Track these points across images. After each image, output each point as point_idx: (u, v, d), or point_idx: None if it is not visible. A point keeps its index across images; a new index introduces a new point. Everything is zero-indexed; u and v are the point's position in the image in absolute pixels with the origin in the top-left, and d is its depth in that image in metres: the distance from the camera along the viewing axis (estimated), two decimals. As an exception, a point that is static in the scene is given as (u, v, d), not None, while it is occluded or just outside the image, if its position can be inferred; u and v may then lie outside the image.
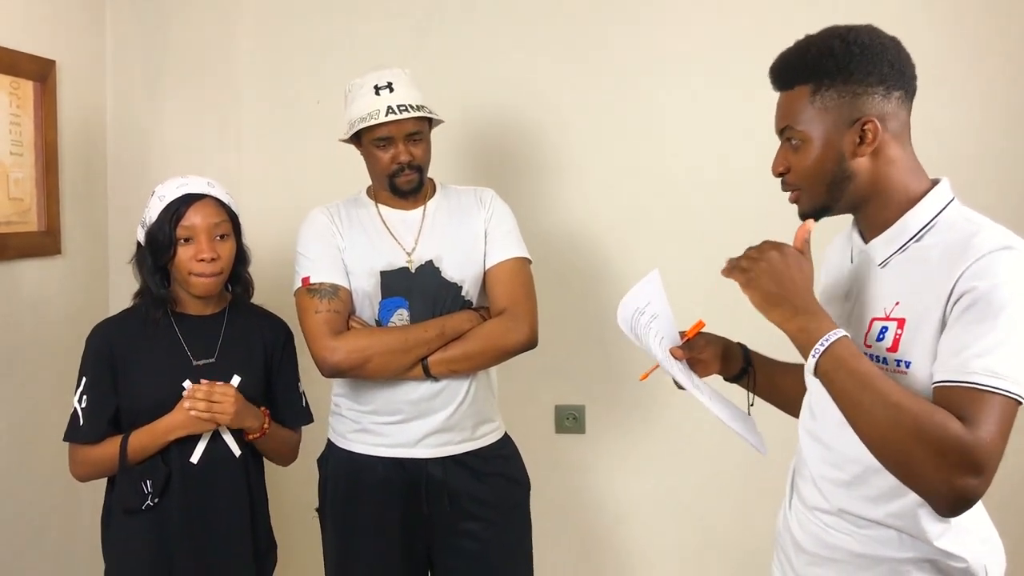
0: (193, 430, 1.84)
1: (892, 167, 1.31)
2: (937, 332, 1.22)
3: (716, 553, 2.65)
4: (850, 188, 1.32)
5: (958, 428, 1.14)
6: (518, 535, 2.10)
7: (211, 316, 1.96)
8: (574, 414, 2.67)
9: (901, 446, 1.16)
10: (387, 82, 1.96)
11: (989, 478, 1.15)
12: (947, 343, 1.20)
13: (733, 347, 1.62)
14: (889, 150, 1.31)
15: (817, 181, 1.33)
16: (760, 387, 1.59)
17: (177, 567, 1.87)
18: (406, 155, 1.97)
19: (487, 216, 2.07)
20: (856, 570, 1.33)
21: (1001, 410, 1.15)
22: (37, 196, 2.42)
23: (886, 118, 1.30)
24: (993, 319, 1.17)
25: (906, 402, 1.16)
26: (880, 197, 1.33)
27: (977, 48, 2.49)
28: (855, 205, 1.35)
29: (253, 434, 1.91)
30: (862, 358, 1.21)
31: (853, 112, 1.29)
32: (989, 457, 1.14)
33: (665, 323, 1.52)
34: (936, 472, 1.14)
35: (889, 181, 1.32)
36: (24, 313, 2.37)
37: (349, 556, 2.04)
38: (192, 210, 1.85)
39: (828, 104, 1.30)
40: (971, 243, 1.22)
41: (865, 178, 1.32)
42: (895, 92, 1.30)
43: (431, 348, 1.94)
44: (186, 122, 2.74)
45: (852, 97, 1.29)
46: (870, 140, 1.29)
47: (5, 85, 2.29)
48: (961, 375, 1.17)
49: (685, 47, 2.59)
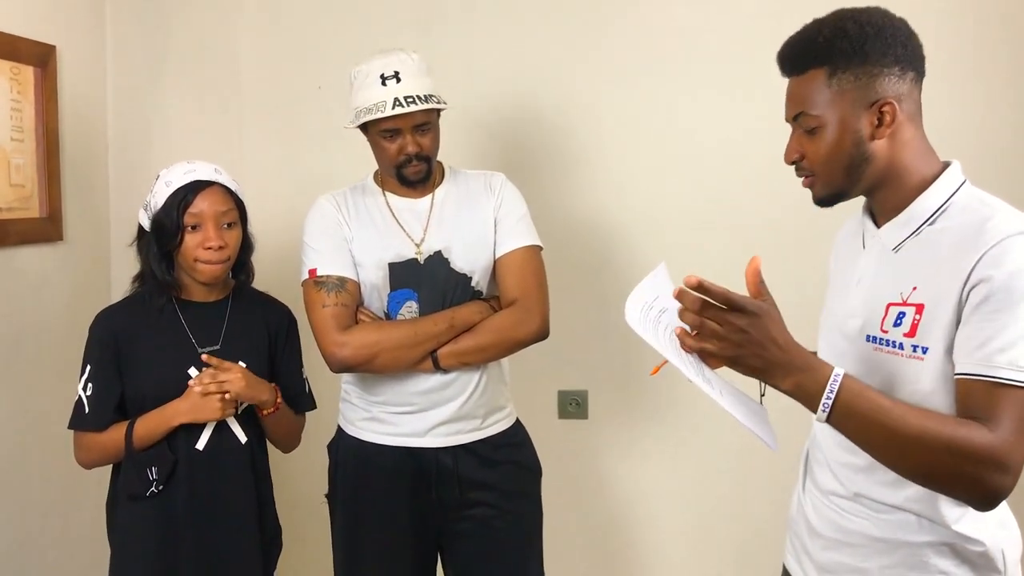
0: (199, 417, 1.84)
1: (906, 149, 1.31)
2: (953, 318, 1.22)
3: (722, 536, 2.66)
4: (868, 171, 1.32)
5: (983, 437, 1.15)
6: (529, 522, 2.10)
7: (215, 303, 1.96)
8: (577, 399, 2.67)
9: (931, 469, 1.18)
10: (394, 71, 1.90)
11: (1018, 472, 1.18)
12: (968, 333, 1.20)
13: None
14: (904, 132, 1.30)
15: (834, 166, 1.32)
16: None
17: (183, 552, 1.87)
18: (414, 146, 1.93)
19: (497, 203, 2.03)
20: (873, 554, 1.33)
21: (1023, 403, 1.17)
22: (38, 182, 2.41)
23: (902, 99, 1.29)
24: (1013, 309, 1.17)
25: (927, 429, 1.16)
26: (894, 180, 1.32)
27: (977, 36, 2.48)
28: (870, 189, 1.35)
29: (267, 408, 1.91)
30: (868, 394, 1.18)
31: (870, 94, 1.29)
32: (1016, 454, 1.16)
33: (674, 317, 1.51)
34: (968, 482, 1.17)
35: (903, 164, 1.31)
36: (26, 299, 2.36)
37: (358, 542, 2.04)
38: (200, 197, 1.84)
39: (845, 87, 1.29)
40: (986, 227, 1.22)
41: (883, 161, 1.31)
42: (909, 73, 1.30)
43: (440, 341, 1.93)
44: (187, 106, 2.72)
45: (869, 79, 1.28)
46: (888, 122, 1.29)
47: (5, 70, 2.27)
48: (985, 369, 1.18)
49: (698, 38, 2.57)
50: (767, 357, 1.17)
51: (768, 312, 1.17)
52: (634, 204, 2.61)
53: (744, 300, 1.16)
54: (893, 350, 1.29)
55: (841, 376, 1.17)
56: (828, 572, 1.40)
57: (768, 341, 1.16)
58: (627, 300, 1.43)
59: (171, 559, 1.87)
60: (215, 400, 1.82)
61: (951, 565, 1.29)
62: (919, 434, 1.16)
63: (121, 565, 1.92)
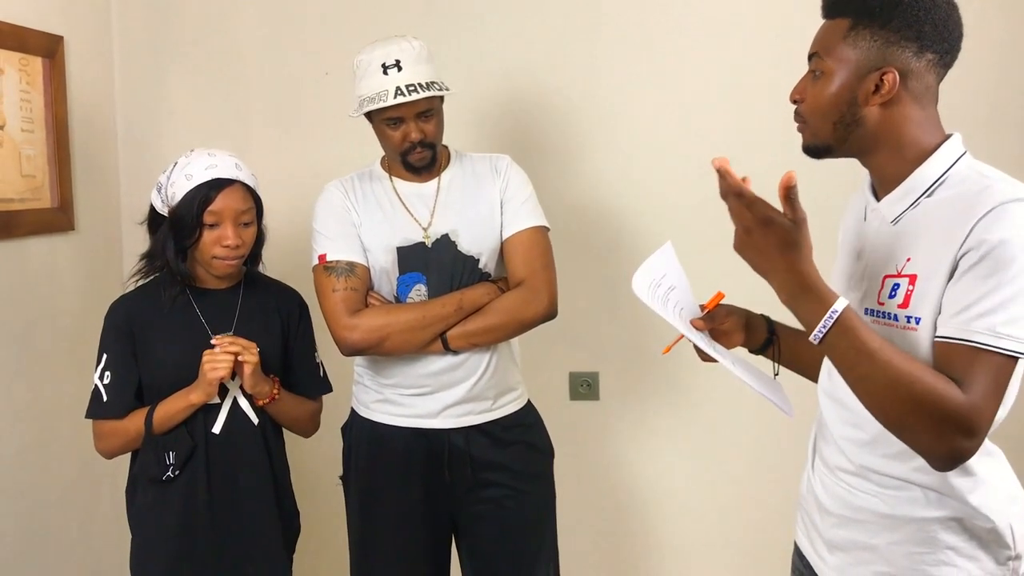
0: (211, 391, 1.84)
1: (906, 123, 1.30)
2: (944, 285, 1.22)
3: (733, 516, 2.67)
4: (856, 134, 1.32)
5: (956, 396, 1.16)
6: (541, 502, 2.12)
7: (227, 290, 1.98)
8: (588, 381, 2.68)
9: (901, 415, 1.19)
10: (395, 60, 1.91)
11: (983, 437, 1.20)
12: (953, 296, 1.21)
13: (756, 318, 1.60)
14: (905, 107, 1.29)
15: (825, 117, 1.32)
16: (784, 357, 1.59)
17: (202, 535, 1.90)
18: (417, 133, 1.95)
19: (503, 185, 2.05)
20: (882, 531, 1.34)
21: (999, 369, 1.18)
22: (49, 173, 2.42)
23: (909, 75, 1.28)
24: (1000, 274, 1.17)
25: (910, 372, 1.17)
26: (889, 150, 1.32)
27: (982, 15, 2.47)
28: (859, 152, 1.34)
29: (262, 399, 1.92)
30: (862, 331, 1.20)
31: (877, 59, 1.28)
32: (983, 419, 1.18)
33: (683, 294, 1.51)
34: (933, 437, 1.18)
35: (901, 136, 1.31)
36: (39, 289, 2.38)
37: (372, 523, 2.06)
38: (221, 196, 1.85)
39: (859, 43, 1.28)
40: (982, 196, 1.22)
41: (872, 128, 1.31)
42: (928, 54, 1.28)
43: (449, 323, 1.95)
44: (194, 94, 2.73)
45: (883, 44, 1.27)
46: (884, 91, 1.28)
47: (14, 62, 2.28)
48: (963, 333, 1.18)
49: (704, 16, 2.56)
50: (772, 264, 1.22)
51: (789, 229, 1.20)
52: (642, 185, 2.61)
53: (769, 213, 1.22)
54: (889, 322, 1.29)
55: (839, 314, 1.18)
56: (838, 549, 1.40)
57: (775, 253, 1.21)
58: (634, 274, 1.44)
59: (191, 541, 1.90)
60: (224, 363, 1.82)
61: (960, 540, 1.29)
62: (899, 375, 1.17)
63: (142, 549, 1.94)
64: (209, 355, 1.83)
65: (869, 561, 1.36)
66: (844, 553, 1.39)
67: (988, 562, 1.30)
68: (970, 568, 1.29)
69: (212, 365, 1.81)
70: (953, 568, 1.29)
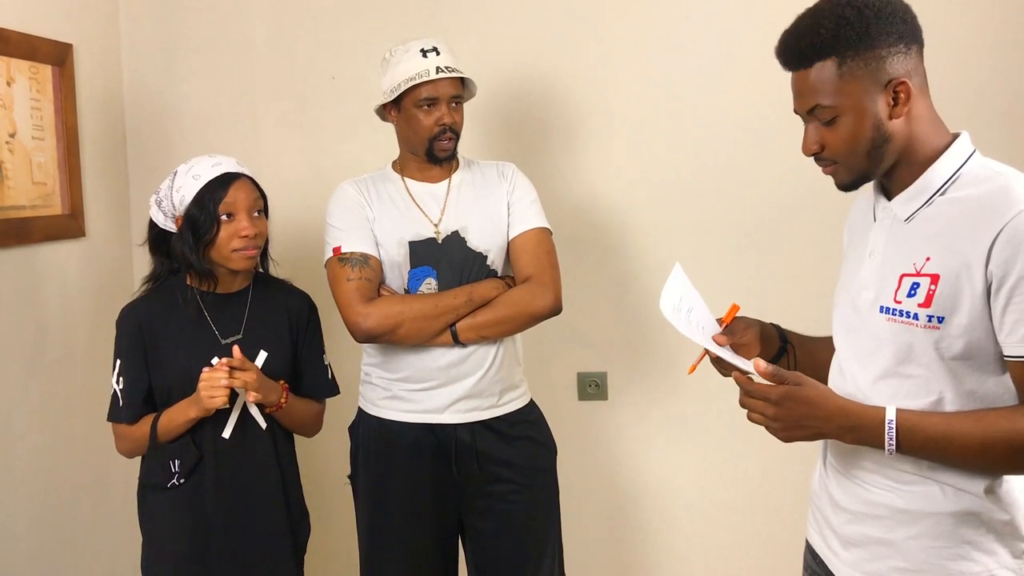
0: (210, 410, 1.83)
1: (919, 123, 1.33)
2: (983, 292, 1.24)
3: (743, 515, 2.67)
4: (888, 151, 1.33)
5: None
6: (547, 497, 2.15)
7: (236, 293, 1.99)
8: (596, 381, 2.69)
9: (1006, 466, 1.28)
10: (432, 46, 2.03)
11: None
12: (1014, 318, 1.24)
13: (768, 328, 1.61)
14: (917, 107, 1.32)
15: (857, 152, 1.33)
16: (801, 364, 1.59)
17: (213, 538, 1.91)
18: (449, 117, 2.03)
19: (509, 188, 2.13)
20: (898, 526, 1.35)
21: None
22: (60, 179, 2.44)
23: (912, 74, 1.31)
24: None
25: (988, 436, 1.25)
26: (909, 155, 1.34)
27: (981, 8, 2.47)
28: (890, 166, 1.36)
29: (271, 408, 1.94)
30: (925, 423, 1.28)
31: (882, 76, 1.30)
32: None
33: (702, 314, 1.54)
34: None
35: (917, 137, 1.33)
36: (51, 295, 2.40)
37: (381, 521, 2.09)
38: (232, 189, 1.88)
39: (856, 73, 1.30)
40: (1002, 198, 1.24)
41: (901, 138, 1.32)
42: (912, 46, 1.31)
43: (460, 314, 1.99)
44: (202, 100, 2.74)
45: (878, 62, 1.29)
46: (904, 100, 1.30)
47: (24, 70, 2.30)
48: None
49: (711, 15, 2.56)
50: (816, 426, 1.32)
51: (796, 388, 1.30)
52: (650, 185, 2.61)
53: (767, 391, 1.31)
54: (908, 320, 1.30)
55: (895, 421, 1.27)
56: (853, 545, 1.41)
57: (808, 415, 1.31)
58: (660, 302, 1.49)
59: (201, 545, 1.91)
60: (221, 394, 1.81)
61: (977, 535, 1.31)
62: (983, 443, 1.25)
63: (153, 551, 1.96)
64: (207, 379, 1.81)
65: (886, 556, 1.36)
66: (860, 549, 1.40)
67: (1005, 556, 1.31)
68: (987, 562, 1.30)
69: (209, 393, 1.80)
70: (970, 562, 1.31)
